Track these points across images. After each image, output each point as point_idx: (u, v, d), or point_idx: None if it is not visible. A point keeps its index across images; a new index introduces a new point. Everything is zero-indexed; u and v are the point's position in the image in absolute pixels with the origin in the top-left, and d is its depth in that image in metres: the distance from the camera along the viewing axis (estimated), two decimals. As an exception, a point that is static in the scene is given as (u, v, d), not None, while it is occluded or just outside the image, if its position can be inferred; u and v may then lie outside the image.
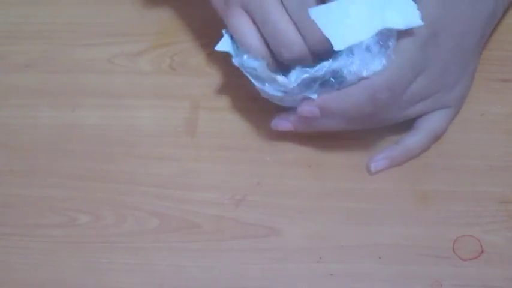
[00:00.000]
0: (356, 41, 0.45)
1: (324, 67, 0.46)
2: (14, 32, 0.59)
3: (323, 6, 0.46)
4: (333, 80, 0.46)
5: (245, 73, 0.48)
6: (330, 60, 0.46)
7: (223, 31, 0.49)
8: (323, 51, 0.47)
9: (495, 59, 0.55)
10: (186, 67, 0.56)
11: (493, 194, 0.49)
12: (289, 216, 0.49)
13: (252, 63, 0.47)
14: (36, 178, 0.51)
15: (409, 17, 0.46)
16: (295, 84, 0.47)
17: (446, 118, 0.51)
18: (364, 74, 0.46)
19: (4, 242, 0.49)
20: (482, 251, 0.47)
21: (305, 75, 0.46)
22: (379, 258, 0.47)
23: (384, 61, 0.46)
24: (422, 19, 0.46)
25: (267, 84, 0.48)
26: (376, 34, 0.46)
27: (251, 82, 0.48)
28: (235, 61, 0.48)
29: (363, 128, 0.50)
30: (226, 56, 0.55)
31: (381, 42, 0.46)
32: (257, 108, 0.53)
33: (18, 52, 0.58)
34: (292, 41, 0.46)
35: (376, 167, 0.51)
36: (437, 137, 0.51)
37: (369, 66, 0.46)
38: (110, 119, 0.54)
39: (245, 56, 0.47)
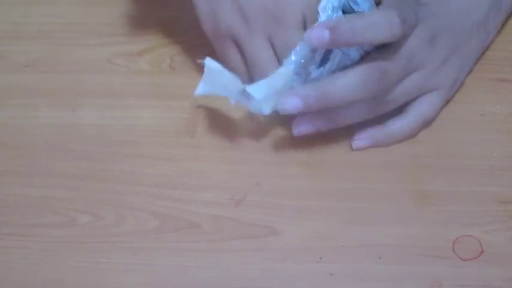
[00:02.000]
0: None
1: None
2: (14, 32, 0.59)
3: None
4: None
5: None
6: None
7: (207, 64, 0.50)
8: None
9: (495, 59, 0.55)
10: (186, 67, 0.56)
11: (493, 194, 0.49)
12: (289, 216, 0.49)
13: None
14: (36, 178, 0.51)
15: None
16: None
17: (436, 102, 0.51)
18: None
19: (4, 242, 0.49)
20: (482, 251, 0.47)
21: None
22: (379, 258, 0.47)
23: None
24: None
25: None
26: None
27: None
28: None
29: (377, 108, 0.50)
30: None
31: None
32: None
33: (18, 52, 0.58)
34: None
35: (358, 145, 0.51)
36: (425, 123, 0.51)
37: None
38: (110, 119, 0.54)
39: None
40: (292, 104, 0.47)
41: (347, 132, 0.51)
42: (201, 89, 0.50)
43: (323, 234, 0.48)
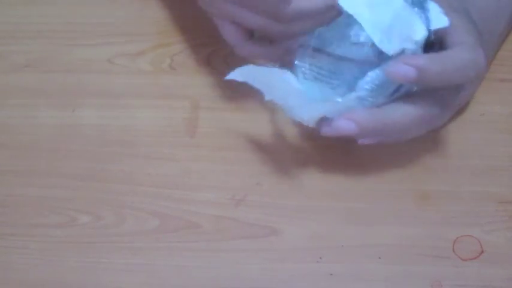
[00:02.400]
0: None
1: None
2: (14, 32, 0.59)
3: None
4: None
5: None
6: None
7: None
8: None
9: (495, 59, 0.55)
10: (186, 67, 0.56)
11: (492, 194, 0.49)
12: (289, 216, 0.49)
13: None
14: (36, 178, 0.51)
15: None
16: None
17: (448, 116, 0.51)
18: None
19: (4, 242, 0.49)
20: (482, 251, 0.47)
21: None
22: (379, 258, 0.47)
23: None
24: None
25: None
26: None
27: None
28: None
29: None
30: (226, 55, 0.55)
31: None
32: (257, 108, 0.53)
33: (18, 52, 0.58)
34: None
35: (363, 142, 0.49)
36: (430, 129, 0.51)
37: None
38: (110, 119, 0.54)
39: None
40: (347, 127, 0.45)
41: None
42: (234, 75, 0.47)
43: (323, 234, 0.48)
